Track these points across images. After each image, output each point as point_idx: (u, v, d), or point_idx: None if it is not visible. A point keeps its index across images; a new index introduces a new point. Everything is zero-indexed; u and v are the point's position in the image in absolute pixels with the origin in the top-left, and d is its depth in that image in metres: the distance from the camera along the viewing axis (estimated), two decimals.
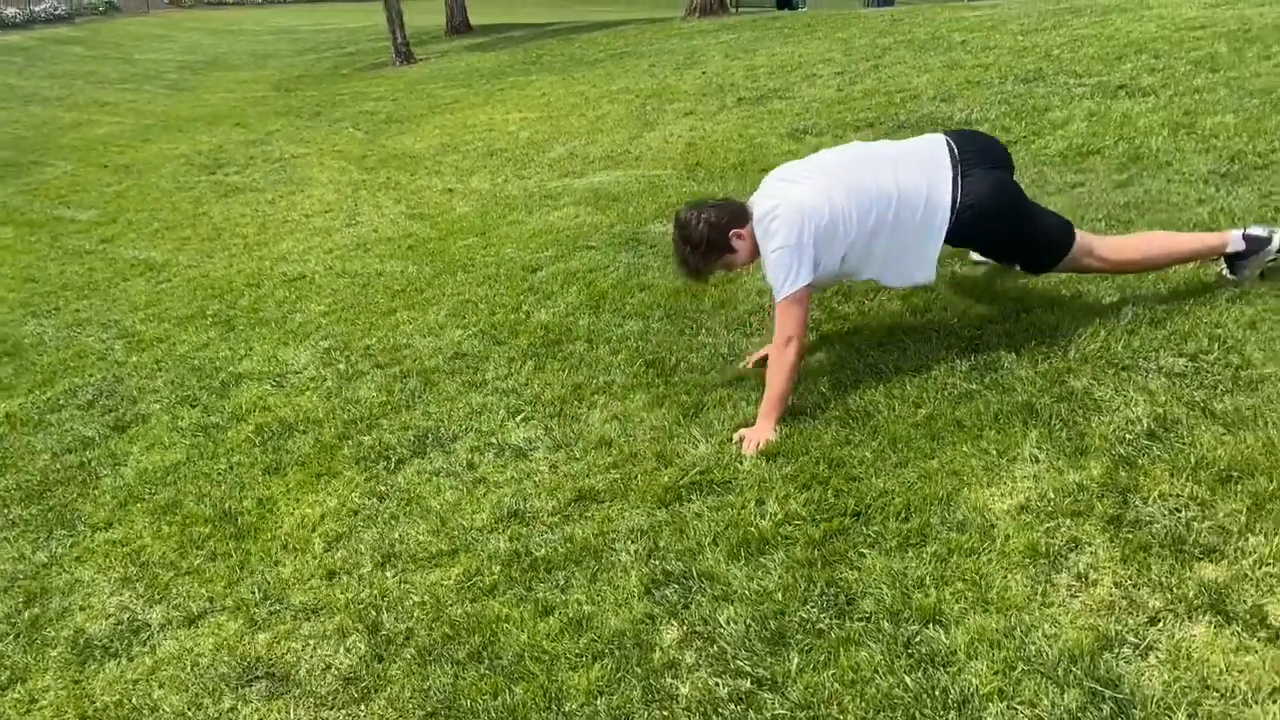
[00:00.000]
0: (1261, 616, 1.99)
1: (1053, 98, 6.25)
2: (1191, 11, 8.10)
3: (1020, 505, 2.50)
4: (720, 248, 3.25)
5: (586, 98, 10.91)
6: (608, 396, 3.59)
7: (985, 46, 8.63)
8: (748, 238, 3.25)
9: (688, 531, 2.70)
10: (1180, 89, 5.74)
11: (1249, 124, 4.82)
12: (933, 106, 6.86)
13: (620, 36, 16.80)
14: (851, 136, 6.62)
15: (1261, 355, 2.86)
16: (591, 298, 4.56)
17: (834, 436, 3.00)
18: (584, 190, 6.76)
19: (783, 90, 8.87)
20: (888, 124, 6.66)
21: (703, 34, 14.74)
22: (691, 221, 3.24)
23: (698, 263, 3.29)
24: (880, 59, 9.27)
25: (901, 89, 7.69)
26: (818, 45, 11.10)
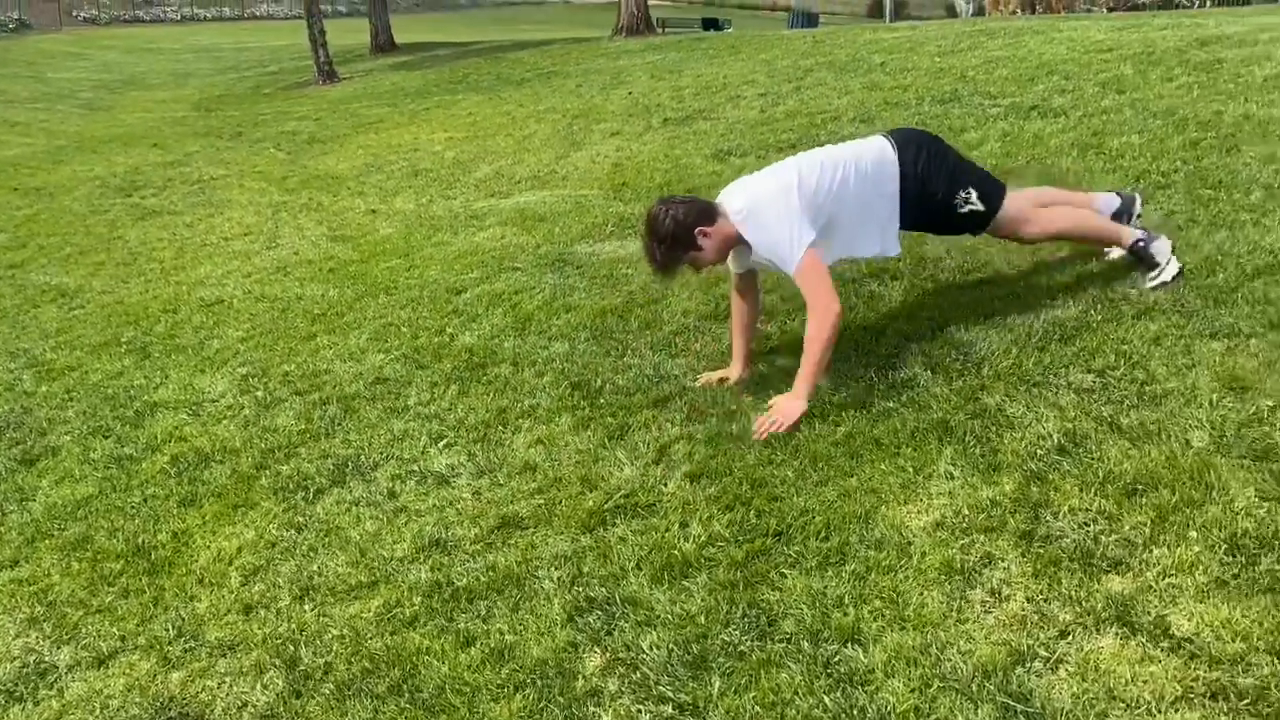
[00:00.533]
0: (1165, 627, 2.04)
1: (968, 118, 6.41)
2: (1099, 35, 8.38)
3: (936, 522, 2.54)
4: (686, 244, 3.28)
5: (513, 117, 10.90)
6: (533, 420, 3.57)
7: (904, 68, 8.82)
8: (714, 236, 3.28)
9: (611, 556, 2.70)
10: (1089, 110, 5.93)
11: (1152, 144, 4.99)
12: (853, 128, 6.97)
13: (547, 56, 16.82)
14: (775, 157, 6.69)
15: (1165, 370, 2.95)
16: (517, 320, 4.54)
17: (757, 456, 3.02)
18: (510, 211, 6.74)
19: (708, 111, 8.97)
20: (809, 145, 6.74)
21: (629, 54, 14.83)
22: (659, 217, 3.28)
23: (664, 258, 3.32)
24: (802, 80, 9.42)
25: (823, 110, 7.82)
26: (742, 66, 11.24)
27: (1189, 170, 4.48)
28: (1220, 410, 2.70)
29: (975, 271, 3.98)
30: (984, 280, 3.89)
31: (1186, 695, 1.89)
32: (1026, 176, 4.99)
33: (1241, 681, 1.88)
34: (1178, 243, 3.62)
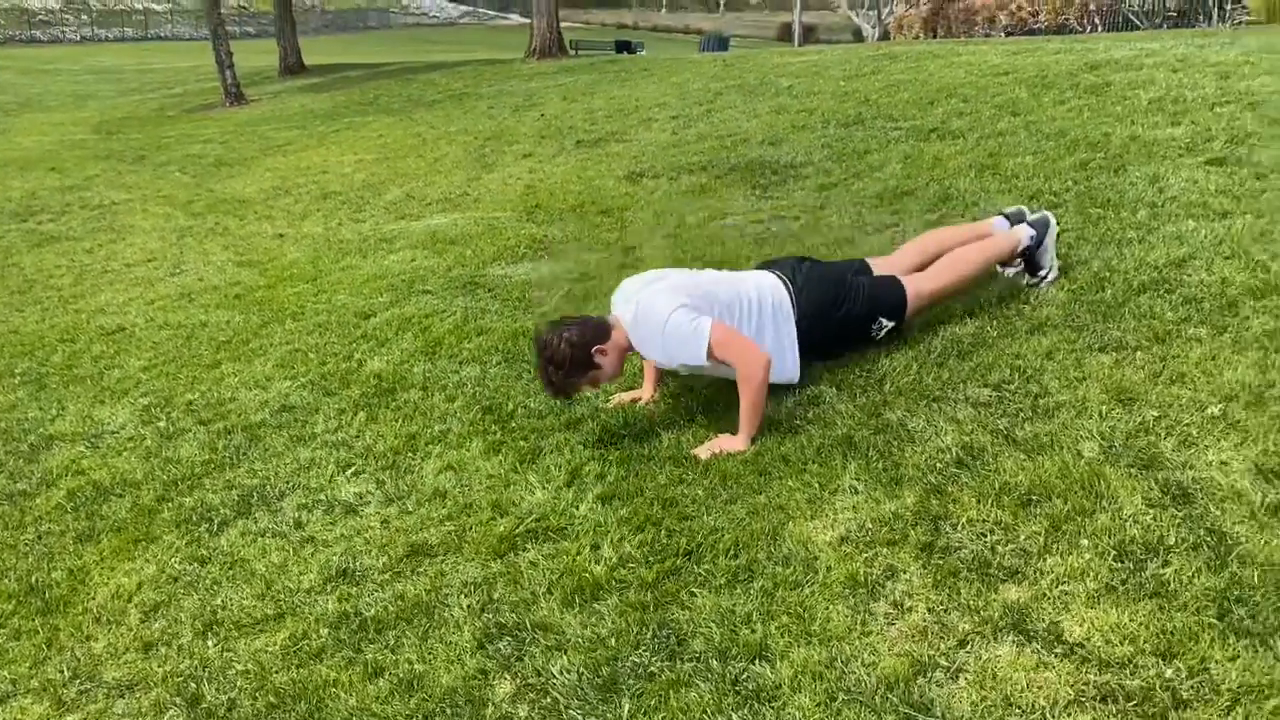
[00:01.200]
0: (1058, 633, 2.11)
1: (871, 141, 6.57)
2: (996, 59, 8.67)
3: (841, 536, 2.58)
4: (584, 365, 3.22)
5: (424, 139, 10.84)
6: (443, 446, 3.54)
7: (810, 91, 9.01)
8: (611, 352, 3.25)
9: (522, 582, 2.68)
10: (986, 132, 6.13)
11: (1045, 164, 5.18)
12: (761, 150, 7.10)
13: (459, 77, 16.77)
14: (686, 180, 6.79)
15: (1057, 383, 3.06)
16: (427, 344, 4.50)
17: (668, 476, 3.05)
18: (421, 233, 6.69)
19: (620, 133, 9.03)
20: (719, 167, 6.86)
21: (542, 76, 14.87)
22: (553, 343, 3.20)
23: (563, 382, 3.26)
24: (713, 103, 9.56)
25: (732, 133, 7.94)
26: (654, 89, 11.36)
27: (1079, 190, 4.66)
28: (1109, 421, 2.81)
29: None
30: None
31: (1078, 699, 1.95)
32: (926, 197, 5.14)
33: (1129, 684, 1.95)
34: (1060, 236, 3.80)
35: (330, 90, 18.25)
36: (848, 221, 5.11)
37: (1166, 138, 5.16)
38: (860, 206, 5.32)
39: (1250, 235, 3.72)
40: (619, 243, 5.56)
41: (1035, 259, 3.69)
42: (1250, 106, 5.41)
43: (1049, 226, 3.68)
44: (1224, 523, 2.32)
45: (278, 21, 24.14)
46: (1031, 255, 3.69)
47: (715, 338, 3.10)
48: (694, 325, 3.12)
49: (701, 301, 3.21)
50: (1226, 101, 5.62)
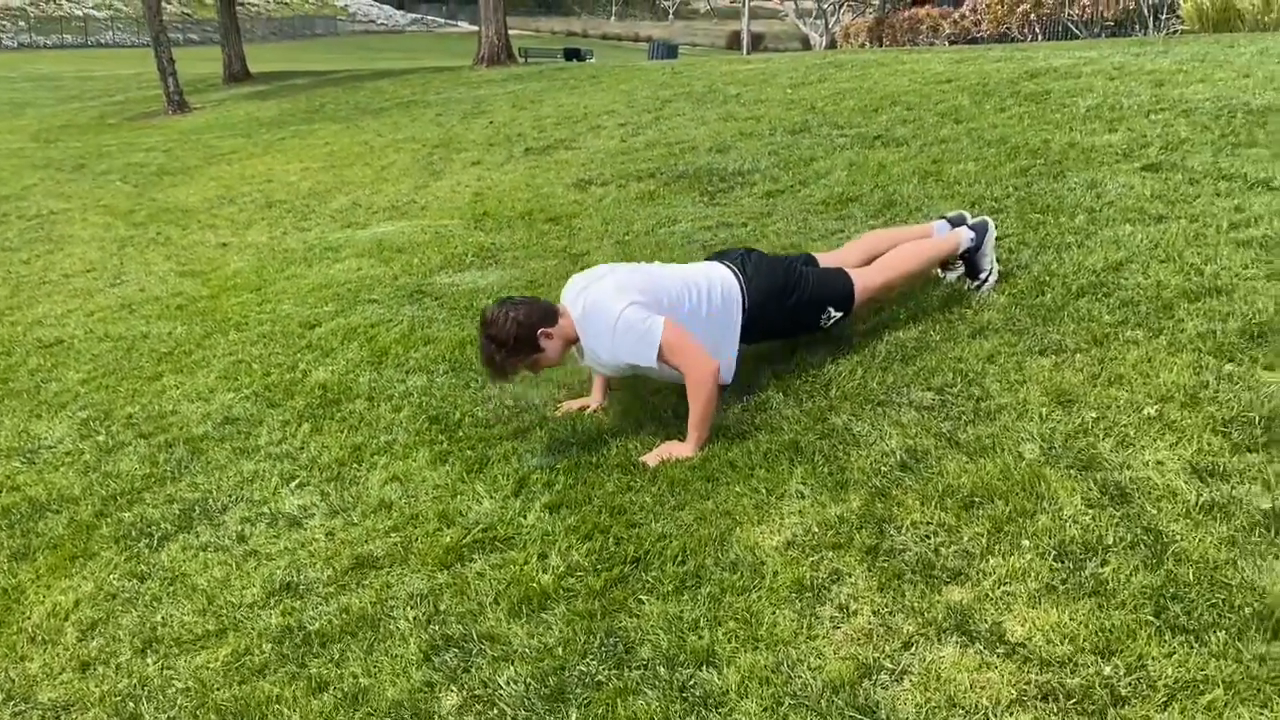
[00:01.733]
0: (1000, 634, 2.14)
1: (817, 148, 6.62)
2: (939, 67, 8.80)
3: (788, 541, 2.59)
4: (528, 346, 3.17)
5: (371, 147, 10.75)
6: (389, 457, 3.51)
7: (758, 99, 9.07)
8: (556, 337, 3.21)
9: (469, 592, 2.66)
10: (929, 139, 6.21)
11: (987, 171, 5.26)
12: (710, 158, 7.13)
13: (407, 85, 16.67)
14: (634, 187, 6.80)
15: (998, 386, 3.10)
16: (373, 353, 4.46)
17: (616, 484, 3.04)
18: (367, 242, 6.63)
19: (569, 141, 9.02)
20: (667, 175, 6.88)
21: (490, 84, 14.83)
22: (499, 319, 3.14)
23: (504, 362, 3.19)
24: (661, 111, 9.59)
25: (681, 140, 7.97)
26: (603, 97, 11.37)
27: (1020, 196, 4.74)
28: (1049, 423, 2.85)
29: None
30: None
31: (1020, 699, 1.97)
32: (870, 203, 5.20)
33: (1069, 682, 1.98)
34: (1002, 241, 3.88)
35: (276, 98, 18.04)
36: (794, 228, 5.14)
37: (1104, 144, 5.26)
38: (806, 213, 5.36)
39: (1184, 239, 3.80)
40: (567, 250, 5.55)
41: (975, 261, 3.76)
42: (1184, 113, 5.54)
43: (988, 230, 3.75)
44: (1160, 521, 2.36)
45: (222, 28, 23.87)
46: (971, 257, 3.75)
47: (666, 339, 3.08)
48: (646, 325, 3.09)
49: (650, 298, 3.19)
50: (1161, 109, 5.75)
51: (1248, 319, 3.11)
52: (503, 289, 5.01)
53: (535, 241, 5.87)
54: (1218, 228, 3.83)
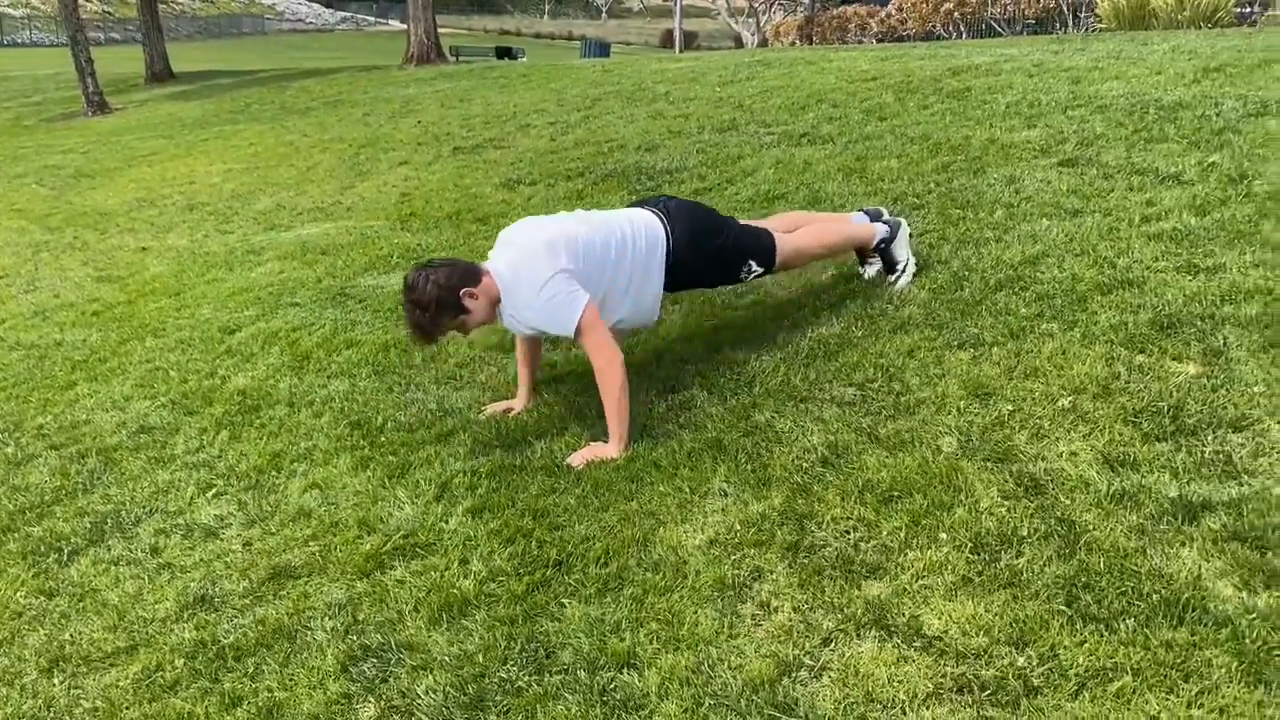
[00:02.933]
0: (918, 627, 2.15)
1: (745, 146, 6.64)
2: (865, 64, 8.89)
3: (710, 539, 2.59)
4: (452, 307, 3.13)
5: (297, 147, 10.57)
6: (309, 464, 3.43)
7: (687, 98, 9.08)
8: (481, 296, 3.15)
9: (389, 601, 2.61)
10: (854, 136, 6.27)
11: (909, 168, 5.31)
12: (638, 156, 7.12)
13: (334, 84, 16.42)
14: (563, 186, 6.76)
15: (918, 381, 3.13)
16: (295, 358, 4.37)
17: (540, 486, 3.01)
18: (291, 244, 6.50)
19: (498, 140, 8.95)
20: (596, 173, 6.85)
21: (419, 82, 14.66)
22: (419, 283, 3.10)
23: (429, 325, 3.14)
24: (591, 109, 9.55)
25: (610, 139, 7.94)
26: (532, 95, 11.30)
27: (941, 191, 4.80)
28: (967, 416, 2.88)
29: (748, 294, 4.11)
30: (756, 301, 4.02)
31: (936, 692, 1.98)
32: (796, 200, 5.22)
33: (984, 674, 1.99)
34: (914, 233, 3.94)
35: (199, 98, 17.66)
36: None
37: (1023, 140, 5.35)
38: (734, 210, 5.36)
39: (1099, 233, 3.87)
40: None
41: (890, 254, 3.81)
42: (1099, 110, 5.65)
43: (900, 226, 3.82)
44: (1073, 512, 2.40)
45: (143, 27, 23.30)
46: (885, 250, 3.81)
47: (585, 319, 3.08)
48: (569, 298, 3.08)
49: (578, 262, 3.16)
50: (1078, 105, 5.86)
51: (1158, 311, 3.18)
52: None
53: (462, 242, 5.80)
54: (1130, 221, 3.91)
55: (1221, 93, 5.64)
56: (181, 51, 25.02)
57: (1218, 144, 4.60)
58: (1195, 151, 4.59)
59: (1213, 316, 3.08)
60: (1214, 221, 3.77)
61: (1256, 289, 3.18)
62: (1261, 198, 3.90)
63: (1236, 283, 3.25)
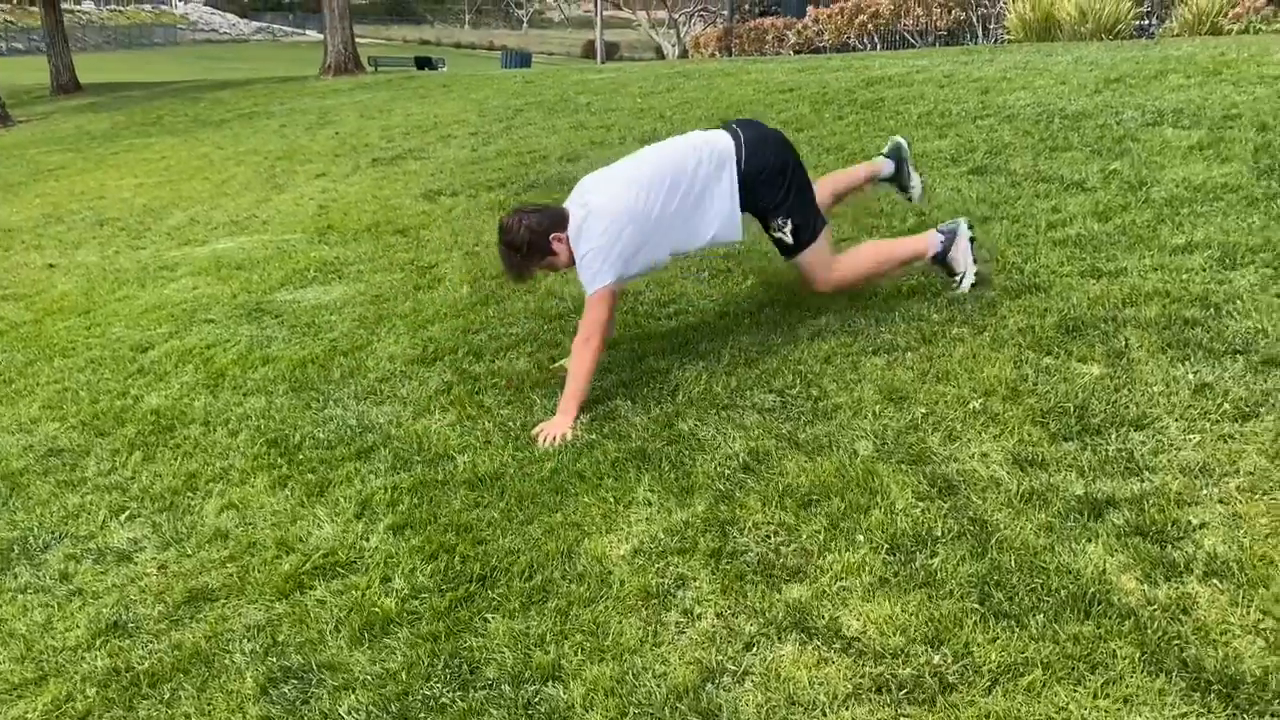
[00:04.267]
0: (837, 629, 2.19)
1: None
2: (782, 76, 9.03)
3: (635, 549, 2.60)
4: (541, 251, 3.43)
5: (211, 160, 10.36)
6: (225, 484, 3.36)
7: (608, 109, 9.12)
8: (567, 241, 3.42)
9: (309, 621, 2.57)
10: None
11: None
12: (560, 167, 7.13)
13: (249, 95, 16.12)
14: (485, 197, 6.74)
15: (835, 386, 3.19)
16: (209, 376, 4.28)
17: (463, 500, 2.99)
18: (205, 259, 6.37)
19: (418, 151, 8.89)
20: (518, 184, 6.84)
21: (337, 93, 14.48)
22: (513, 227, 3.41)
23: (521, 265, 3.47)
24: (513, 120, 9.54)
25: (532, 150, 7.94)
26: (453, 106, 11.24)
27: (856, 201, 4.88)
28: (882, 420, 2.95)
29: (671, 304, 4.15)
30: (679, 311, 4.06)
31: (856, 692, 2.02)
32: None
33: (901, 673, 2.04)
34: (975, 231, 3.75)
35: (109, 110, 17.19)
36: None
37: (934, 150, 5.48)
38: None
39: (1007, 239, 3.99)
40: (415, 263, 5.45)
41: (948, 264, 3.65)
42: (1007, 119, 5.83)
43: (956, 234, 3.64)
44: (985, 511, 2.46)
45: (48, 37, 22.61)
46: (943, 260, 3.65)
47: (598, 295, 3.33)
48: (597, 270, 3.31)
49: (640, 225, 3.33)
50: (987, 115, 6.03)
51: (1063, 314, 3.29)
52: (346, 304, 4.89)
53: (382, 254, 5.75)
54: (1037, 228, 4.04)
55: (1122, 102, 5.86)
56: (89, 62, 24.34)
57: (1118, 152, 4.77)
58: (1097, 159, 4.76)
59: (1115, 319, 3.20)
60: (1115, 227, 3.91)
61: (1155, 291, 3.31)
62: (1159, 203, 4.06)
63: (1137, 286, 3.38)
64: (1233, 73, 6.18)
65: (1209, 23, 9.74)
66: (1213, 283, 3.31)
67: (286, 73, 23.86)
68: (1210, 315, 3.11)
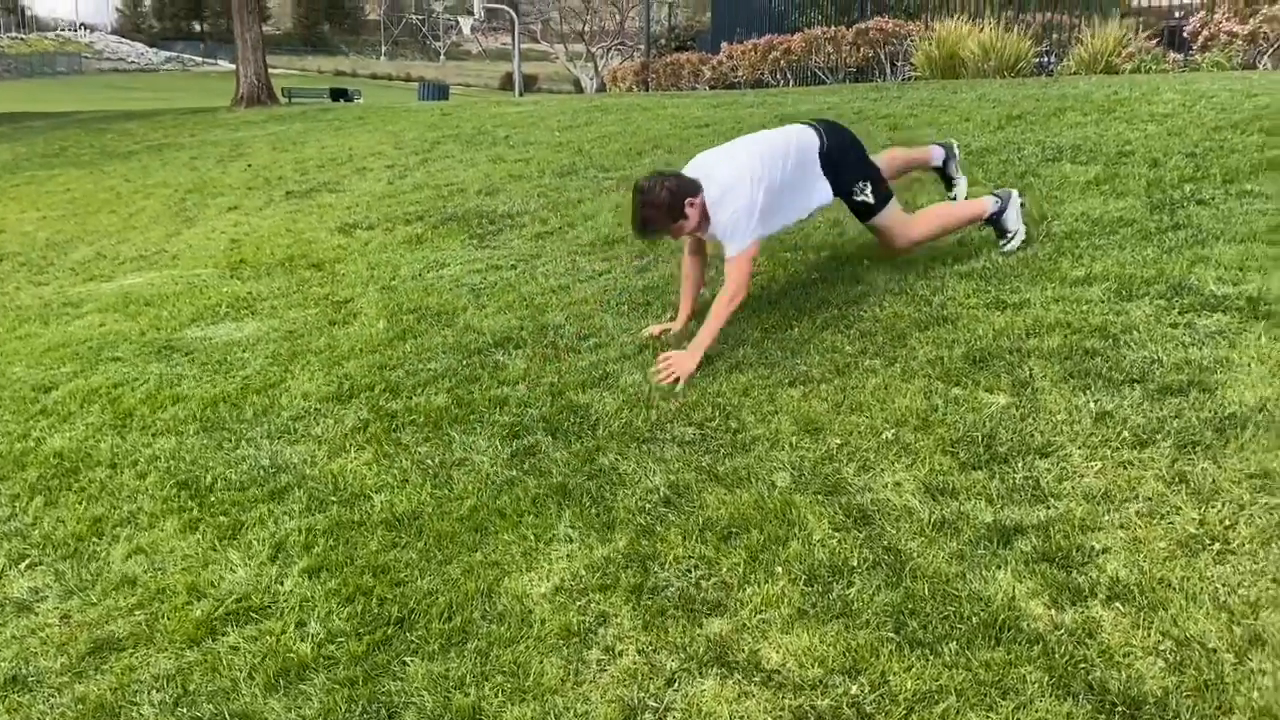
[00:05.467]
0: (757, 662, 2.21)
1: (584, 190, 6.74)
2: (698, 111, 9.17)
3: (556, 586, 2.59)
4: (676, 213, 3.70)
5: (118, 193, 10.10)
6: (133, 528, 3.27)
7: (527, 142, 9.15)
8: (696, 208, 3.71)
9: (221, 669, 2.50)
10: None
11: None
12: (479, 200, 7.12)
13: (159, 127, 15.78)
14: (401, 230, 6.69)
15: (753, 418, 3.23)
16: (117, 416, 4.15)
17: (380, 541, 2.95)
18: (112, 295, 6.19)
19: (333, 183, 8.79)
20: (435, 217, 6.81)
21: (250, 125, 14.26)
22: (654, 187, 3.70)
23: (655, 224, 3.75)
24: (430, 153, 9.50)
25: (449, 182, 7.92)
26: (369, 138, 11.16)
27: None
28: (799, 451, 2.99)
29: (591, 337, 4.16)
30: (599, 344, 4.07)
31: None
32: (636, 244, 5.31)
33: (820, 704, 2.07)
34: (1025, 199, 4.42)
35: (9, 141, 16.65)
36: (563, 269, 5.20)
37: None
38: (574, 254, 5.43)
39: (915, 273, 4.10)
40: (329, 298, 5.38)
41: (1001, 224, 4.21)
42: None
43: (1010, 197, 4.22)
44: (899, 540, 2.52)
45: None
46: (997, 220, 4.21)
47: (744, 255, 3.71)
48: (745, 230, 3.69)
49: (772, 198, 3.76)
50: None
51: (970, 345, 3.39)
52: (259, 341, 4.80)
53: (296, 289, 5.66)
54: (944, 261, 4.16)
55: (1023, 138, 6.08)
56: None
57: (1021, 187, 4.94)
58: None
59: (1020, 349, 3.30)
60: (1019, 260, 4.05)
61: (1057, 323, 3.43)
62: (1059, 237, 4.22)
63: (1040, 317, 3.50)
64: (1126, 110, 6.45)
65: (1104, 61, 10.16)
66: (1111, 314, 3.44)
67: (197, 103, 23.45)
68: (1109, 345, 3.24)
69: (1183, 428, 2.73)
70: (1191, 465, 2.58)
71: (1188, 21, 10.97)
